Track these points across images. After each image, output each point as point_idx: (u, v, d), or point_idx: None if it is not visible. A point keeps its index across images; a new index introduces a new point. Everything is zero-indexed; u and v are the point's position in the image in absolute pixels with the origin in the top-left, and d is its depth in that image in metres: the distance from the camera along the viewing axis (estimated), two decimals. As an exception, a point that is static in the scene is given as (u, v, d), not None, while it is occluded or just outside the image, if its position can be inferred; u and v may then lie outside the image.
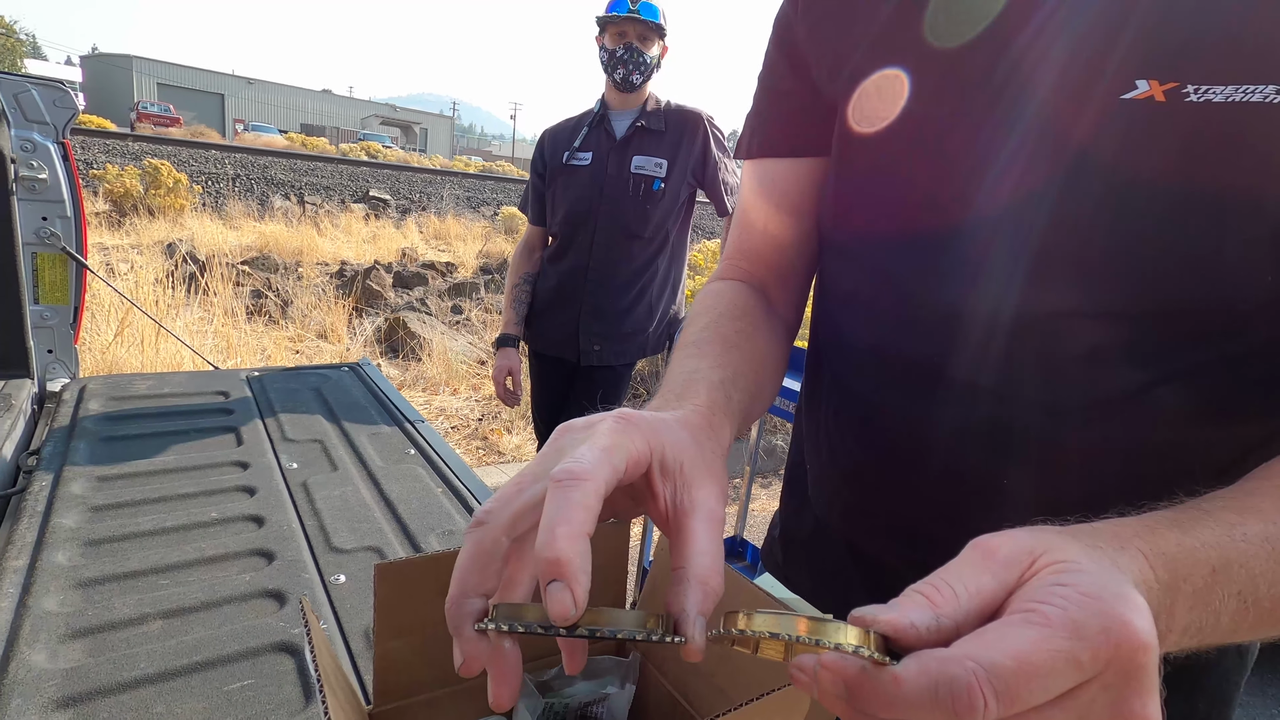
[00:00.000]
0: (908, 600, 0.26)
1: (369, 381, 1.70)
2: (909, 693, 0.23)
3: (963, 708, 0.22)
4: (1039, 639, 0.22)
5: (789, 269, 0.65)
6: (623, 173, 1.98)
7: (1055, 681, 0.22)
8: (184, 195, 9.18)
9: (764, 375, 0.53)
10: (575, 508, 0.28)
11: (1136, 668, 0.23)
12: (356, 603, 0.87)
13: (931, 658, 0.23)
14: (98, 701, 0.68)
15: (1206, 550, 0.31)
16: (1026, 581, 0.26)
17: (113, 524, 0.97)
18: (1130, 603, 0.24)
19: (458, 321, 5.93)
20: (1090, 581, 0.24)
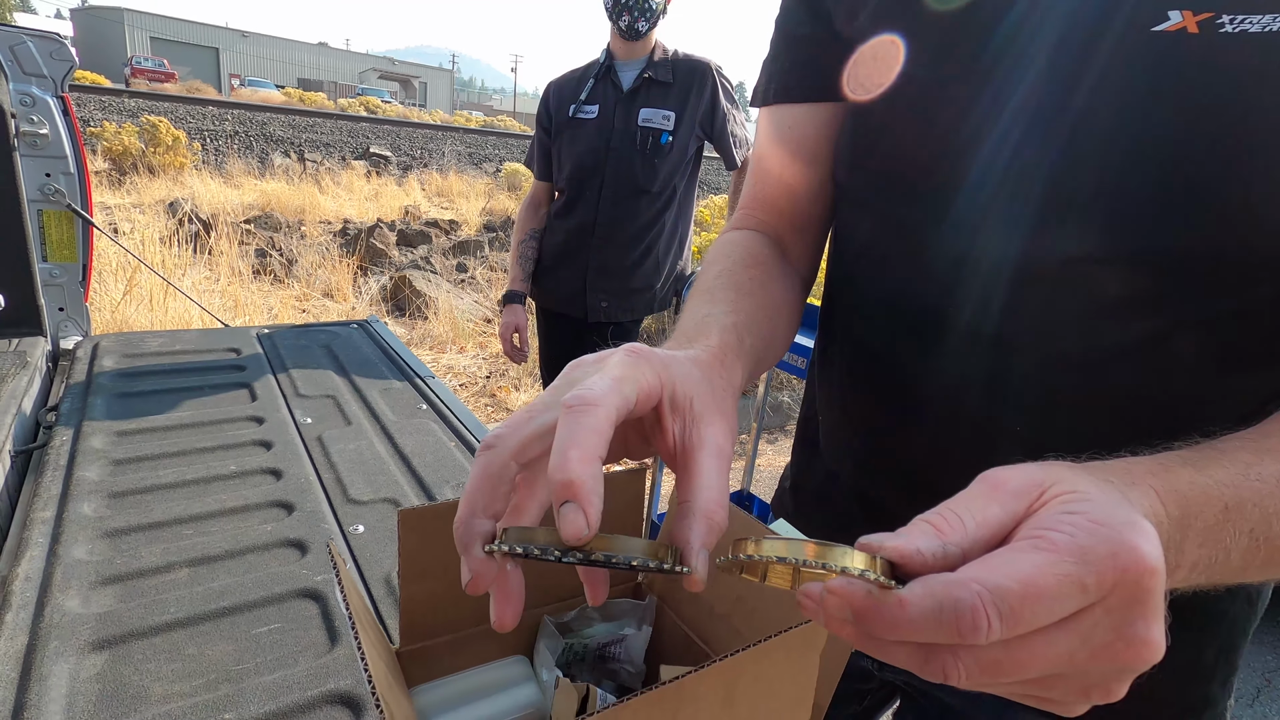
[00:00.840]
0: (915, 528, 0.26)
1: (378, 338, 1.70)
2: (914, 615, 0.23)
3: (967, 628, 0.22)
4: (1045, 563, 0.23)
5: (804, 219, 0.64)
6: (630, 126, 1.94)
7: (1060, 604, 0.23)
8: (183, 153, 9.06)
9: (777, 323, 0.53)
10: (587, 432, 0.28)
11: (1142, 592, 0.23)
12: (375, 551, 0.90)
13: (937, 581, 0.23)
14: (131, 644, 0.71)
15: (1220, 488, 0.31)
16: (1035, 512, 0.26)
17: (134, 477, 0.99)
18: (1139, 529, 0.24)
19: (463, 280, 5.91)
20: (1099, 509, 0.24)
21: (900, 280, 0.55)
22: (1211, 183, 0.39)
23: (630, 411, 0.31)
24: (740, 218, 0.66)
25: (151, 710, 0.63)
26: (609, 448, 0.30)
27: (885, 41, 0.51)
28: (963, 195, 0.49)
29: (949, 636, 0.23)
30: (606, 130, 1.95)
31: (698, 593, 0.60)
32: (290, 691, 0.66)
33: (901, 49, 0.50)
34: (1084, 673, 0.24)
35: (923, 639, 0.23)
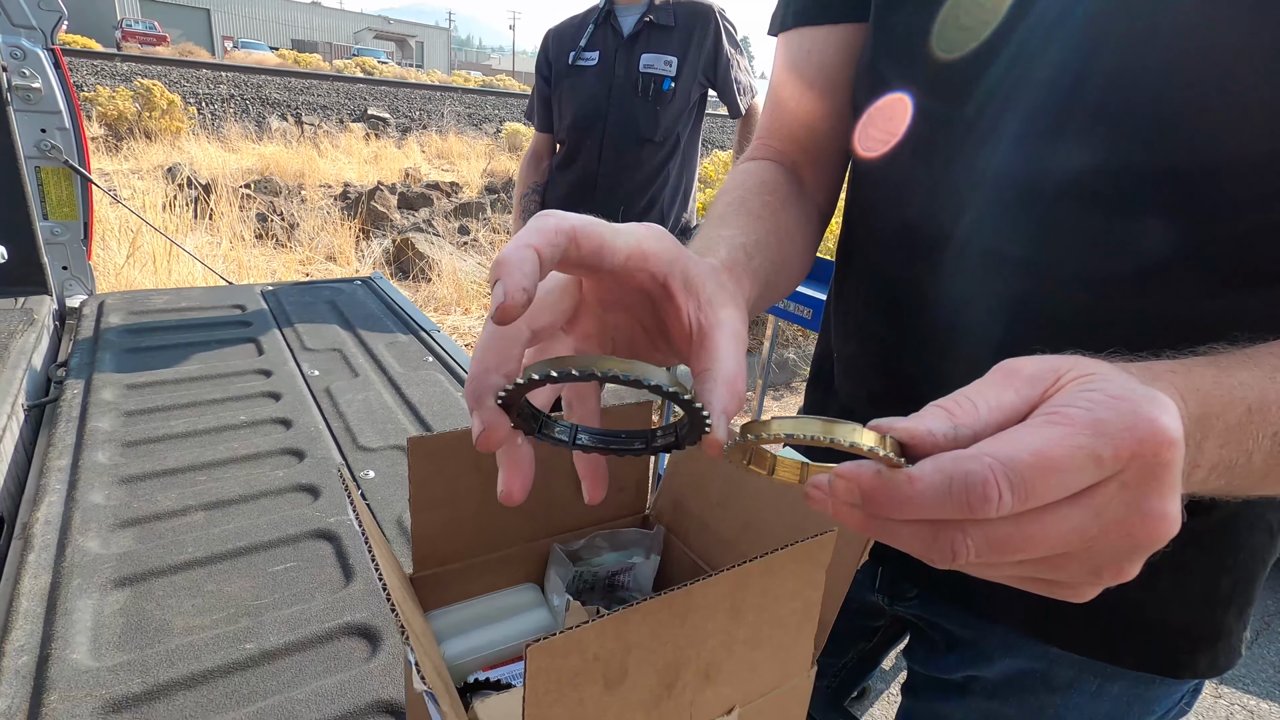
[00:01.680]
0: (926, 411, 0.26)
1: (382, 294, 1.70)
2: (924, 490, 0.22)
3: (977, 499, 0.22)
4: (1059, 436, 0.22)
5: (822, 149, 0.63)
6: (631, 73, 1.89)
7: (1073, 477, 0.22)
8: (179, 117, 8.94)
9: (788, 250, 0.52)
10: (530, 233, 0.28)
11: (1159, 465, 0.22)
12: (387, 495, 0.91)
13: (947, 457, 0.23)
14: (152, 581, 0.72)
15: (1243, 389, 0.31)
16: (1050, 396, 0.25)
17: (146, 427, 1.01)
18: (1158, 402, 0.23)
19: (465, 242, 5.87)
20: (1116, 386, 0.23)
21: (919, 204, 0.53)
22: (1247, 89, 0.38)
23: (625, 259, 0.31)
24: (756, 148, 0.65)
25: (175, 641, 0.65)
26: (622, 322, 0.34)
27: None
28: (980, 112, 0.47)
29: (959, 511, 0.22)
30: (607, 77, 1.91)
31: (704, 522, 0.61)
32: (308, 624, 0.68)
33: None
34: (1096, 551, 0.24)
35: (932, 515, 0.23)
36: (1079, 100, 0.42)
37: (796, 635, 0.45)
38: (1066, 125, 0.43)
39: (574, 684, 0.35)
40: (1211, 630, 0.55)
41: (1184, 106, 0.39)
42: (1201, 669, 0.55)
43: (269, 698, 0.60)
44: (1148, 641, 0.55)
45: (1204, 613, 0.54)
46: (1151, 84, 0.40)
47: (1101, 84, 0.41)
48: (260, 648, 0.65)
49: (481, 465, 0.55)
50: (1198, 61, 0.38)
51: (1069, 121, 0.43)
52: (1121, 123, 0.41)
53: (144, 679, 0.60)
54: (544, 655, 0.32)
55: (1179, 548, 0.52)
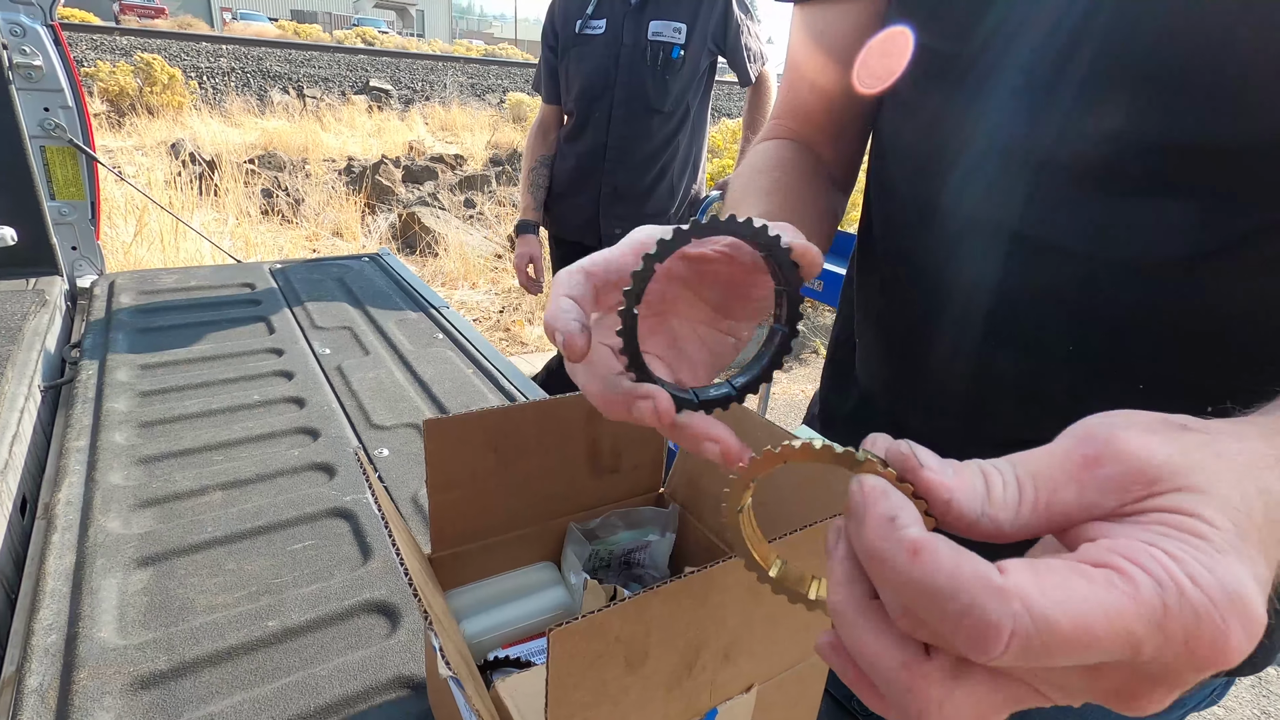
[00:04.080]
0: (966, 474, 0.21)
1: (390, 270, 1.69)
2: (920, 576, 0.18)
3: (972, 637, 0.18)
4: (1112, 612, 0.17)
5: (839, 126, 0.61)
6: (639, 41, 1.85)
7: (1097, 656, 0.18)
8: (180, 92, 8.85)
9: (810, 221, 0.51)
10: (552, 294, 0.31)
11: (1186, 678, 0.19)
12: (401, 473, 0.91)
13: (969, 565, 0.18)
14: (174, 560, 0.73)
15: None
16: (1128, 516, 0.20)
17: (161, 407, 1.01)
18: (1243, 613, 0.18)
19: (471, 215, 5.83)
20: (1210, 563, 0.18)
21: (942, 182, 0.52)
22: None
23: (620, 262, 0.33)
24: (771, 127, 0.64)
25: (199, 619, 0.66)
26: None
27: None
28: (1013, 82, 0.45)
29: (940, 627, 0.18)
30: (615, 46, 1.87)
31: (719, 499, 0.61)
32: (329, 601, 0.69)
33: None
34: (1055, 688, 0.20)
35: (910, 606, 0.19)
36: (1107, 67, 0.41)
37: (814, 615, 0.45)
38: (1093, 94, 0.41)
39: (596, 666, 0.35)
40: None
41: (1180, 71, 0.37)
42: (1240, 667, 0.53)
43: (292, 674, 0.61)
44: None
45: None
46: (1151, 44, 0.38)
47: (1135, 51, 0.39)
48: (282, 625, 0.66)
49: (498, 446, 0.55)
50: (1200, 20, 0.36)
51: (1097, 90, 0.41)
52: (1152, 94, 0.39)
53: (170, 656, 0.62)
54: (567, 639, 0.32)
55: None
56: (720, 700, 0.43)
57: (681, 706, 0.40)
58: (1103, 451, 0.21)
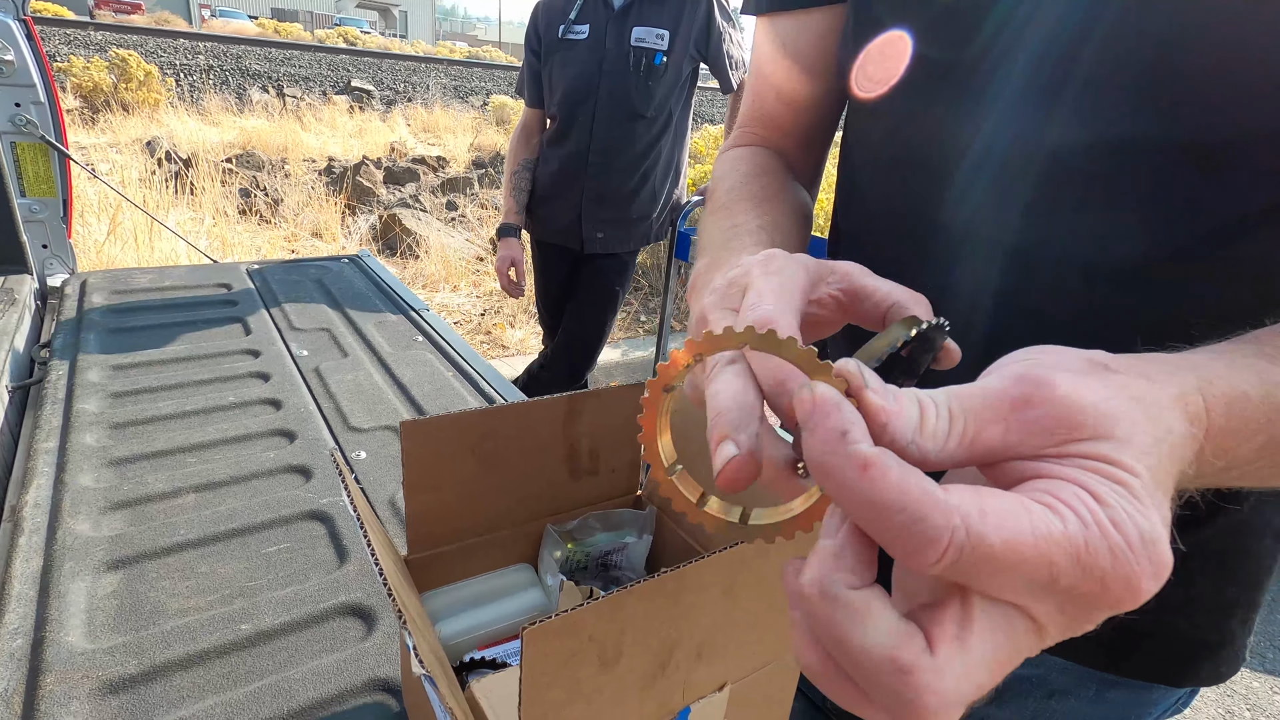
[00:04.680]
0: (903, 401, 0.22)
1: (370, 272, 1.68)
2: (869, 488, 0.19)
3: (913, 544, 0.19)
4: (1040, 539, 0.19)
5: (805, 133, 0.63)
6: (622, 46, 1.86)
7: (1020, 581, 0.19)
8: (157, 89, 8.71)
9: (797, 227, 0.52)
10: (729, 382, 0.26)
11: (1098, 612, 0.21)
12: (379, 475, 0.91)
13: (916, 479, 0.19)
14: (145, 563, 0.72)
15: None
16: (1048, 457, 0.21)
17: (133, 409, 1.00)
18: (1154, 555, 0.20)
19: (453, 218, 5.80)
20: (1130, 512, 0.20)
21: (910, 187, 0.53)
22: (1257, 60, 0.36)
23: (801, 314, 0.31)
24: (739, 135, 0.65)
25: (170, 623, 0.65)
26: None
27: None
28: (977, 87, 0.46)
29: (883, 535, 0.19)
30: (598, 51, 1.88)
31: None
32: (303, 604, 0.69)
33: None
34: None
35: (858, 512, 0.20)
36: (1080, 67, 0.41)
37: (787, 614, 0.46)
38: (1064, 96, 0.42)
39: (570, 665, 0.35)
40: (1216, 639, 0.53)
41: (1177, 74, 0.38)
42: (1204, 677, 0.54)
43: (265, 677, 0.60)
44: (1151, 652, 0.53)
45: (1209, 622, 0.53)
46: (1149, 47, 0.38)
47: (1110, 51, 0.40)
48: (256, 628, 0.65)
49: (475, 448, 0.55)
50: (1200, 26, 0.37)
51: (1068, 90, 0.42)
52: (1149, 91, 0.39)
53: (140, 660, 0.61)
54: (540, 637, 0.33)
55: (1185, 559, 0.51)
56: (693, 699, 0.43)
57: (655, 705, 0.41)
58: (1033, 394, 0.22)
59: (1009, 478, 0.22)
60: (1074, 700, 0.57)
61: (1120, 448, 0.21)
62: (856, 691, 0.21)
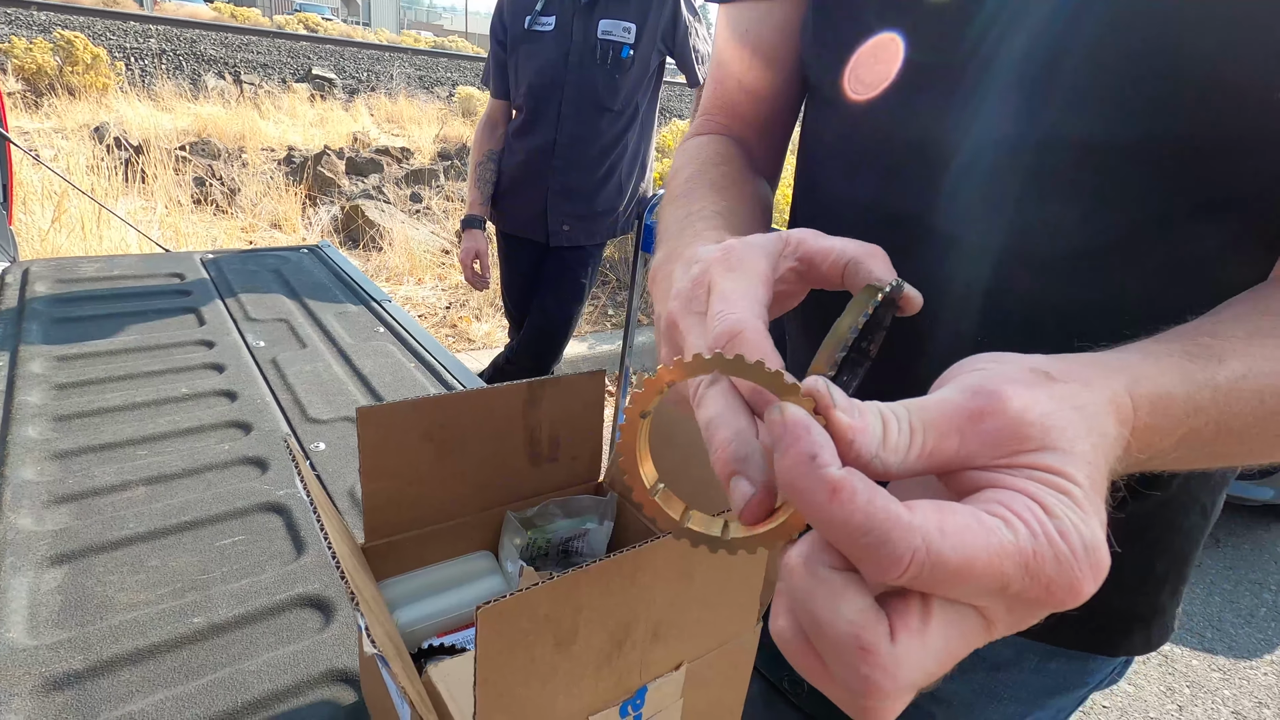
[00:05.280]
0: (868, 417, 0.23)
1: (330, 263, 1.65)
2: (837, 512, 0.20)
3: (879, 566, 0.20)
4: (995, 553, 0.20)
5: (766, 123, 0.63)
6: (589, 39, 1.86)
7: (974, 589, 0.21)
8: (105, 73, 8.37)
9: (749, 219, 0.52)
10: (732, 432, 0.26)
11: (1042, 611, 0.22)
12: (339, 466, 0.90)
13: (883, 503, 0.20)
14: (91, 558, 0.70)
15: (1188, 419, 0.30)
16: (999, 468, 0.23)
17: (79, 400, 0.96)
18: (1095, 561, 0.21)
19: (418, 210, 5.71)
20: (1074, 522, 0.21)
21: (867, 180, 0.54)
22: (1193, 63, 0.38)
23: (769, 308, 0.32)
24: (700, 124, 0.65)
25: (118, 617, 0.63)
26: None
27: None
28: (936, 84, 0.47)
29: (852, 552, 0.21)
30: (565, 43, 1.87)
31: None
32: (259, 596, 0.67)
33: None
34: None
35: (828, 533, 0.21)
36: (1038, 67, 0.42)
37: (743, 593, 0.47)
38: (1025, 93, 0.43)
39: (525, 644, 0.35)
40: (1147, 610, 0.56)
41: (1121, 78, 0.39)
42: (1136, 646, 0.57)
43: (219, 670, 0.59)
44: (1086, 623, 0.56)
45: (1140, 594, 0.56)
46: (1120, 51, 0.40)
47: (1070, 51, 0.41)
48: (209, 621, 0.64)
49: (433, 435, 0.55)
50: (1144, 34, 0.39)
51: (1027, 90, 0.43)
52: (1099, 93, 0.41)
53: (86, 656, 0.59)
54: (495, 616, 0.33)
55: (1118, 536, 0.53)
56: (650, 678, 0.44)
57: (611, 684, 0.41)
58: (987, 407, 0.23)
59: (964, 485, 0.24)
60: (1017, 672, 0.59)
61: (1065, 459, 0.23)
62: (820, 665, 0.23)
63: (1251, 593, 2.58)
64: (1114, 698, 2.07)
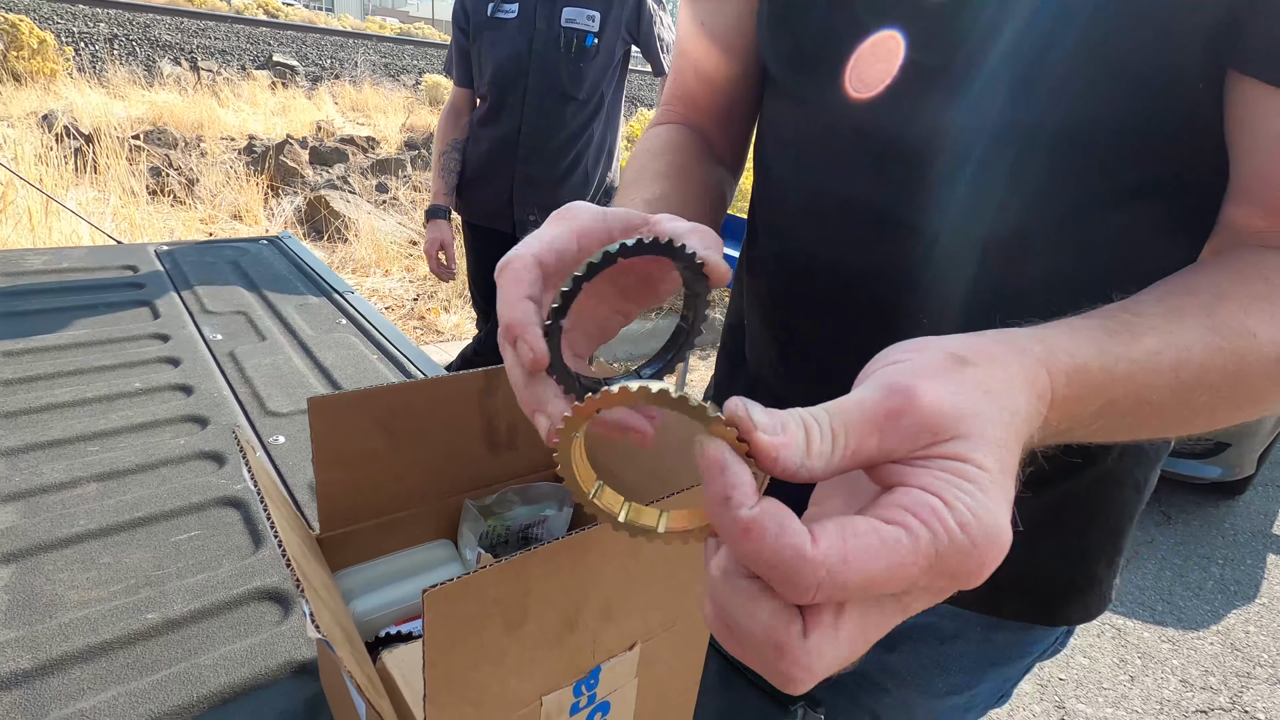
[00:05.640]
0: (790, 430, 0.24)
1: (291, 254, 1.62)
2: (752, 543, 0.22)
3: (792, 588, 0.22)
4: (897, 567, 0.22)
5: (725, 113, 0.64)
6: (553, 27, 1.84)
7: (883, 593, 0.23)
8: (53, 58, 8.05)
9: (695, 205, 0.52)
10: (508, 284, 0.32)
11: (958, 588, 0.24)
12: (298, 460, 0.89)
13: (790, 536, 0.22)
14: (39, 556, 0.69)
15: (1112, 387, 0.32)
16: (915, 461, 0.24)
17: (27, 396, 0.94)
18: (995, 545, 0.23)
19: (384, 200, 5.61)
20: (975, 510, 0.23)
21: (812, 164, 0.55)
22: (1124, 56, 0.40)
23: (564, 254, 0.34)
24: (661, 113, 0.66)
25: (69, 615, 0.62)
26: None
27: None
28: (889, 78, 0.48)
29: (766, 577, 0.22)
30: (528, 31, 1.85)
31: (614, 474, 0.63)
32: (215, 591, 0.67)
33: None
34: None
35: (749, 561, 0.23)
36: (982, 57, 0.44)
37: (695, 572, 0.48)
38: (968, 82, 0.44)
39: (474, 627, 0.36)
40: (1084, 581, 0.59)
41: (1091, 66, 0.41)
42: (1074, 616, 0.60)
43: (173, 665, 0.59)
44: (1026, 595, 0.59)
45: (1077, 566, 0.58)
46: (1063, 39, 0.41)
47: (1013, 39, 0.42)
48: (163, 616, 0.63)
49: (388, 424, 0.55)
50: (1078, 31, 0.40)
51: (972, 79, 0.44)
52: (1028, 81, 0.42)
53: (34, 655, 0.58)
54: (442, 600, 0.33)
55: (1055, 510, 0.56)
56: (604, 658, 0.44)
57: (564, 665, 0.42)
58: (903, 405, 0.25)
59: (883, 478, 0.25)
60: (963, 644, 0.61)
61: (974, 446, 0.24)
62: (742, 649, 0.24)
63: (1200, 567, 2.69)
64: (1069, 670, 2.15)
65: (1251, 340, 0.34)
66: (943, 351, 0.27)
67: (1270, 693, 2.14)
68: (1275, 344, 0.35)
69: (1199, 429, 0.37)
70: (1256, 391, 0.35)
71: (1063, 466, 0.54)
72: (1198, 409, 0.35)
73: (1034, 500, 0.55)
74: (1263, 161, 0.39)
